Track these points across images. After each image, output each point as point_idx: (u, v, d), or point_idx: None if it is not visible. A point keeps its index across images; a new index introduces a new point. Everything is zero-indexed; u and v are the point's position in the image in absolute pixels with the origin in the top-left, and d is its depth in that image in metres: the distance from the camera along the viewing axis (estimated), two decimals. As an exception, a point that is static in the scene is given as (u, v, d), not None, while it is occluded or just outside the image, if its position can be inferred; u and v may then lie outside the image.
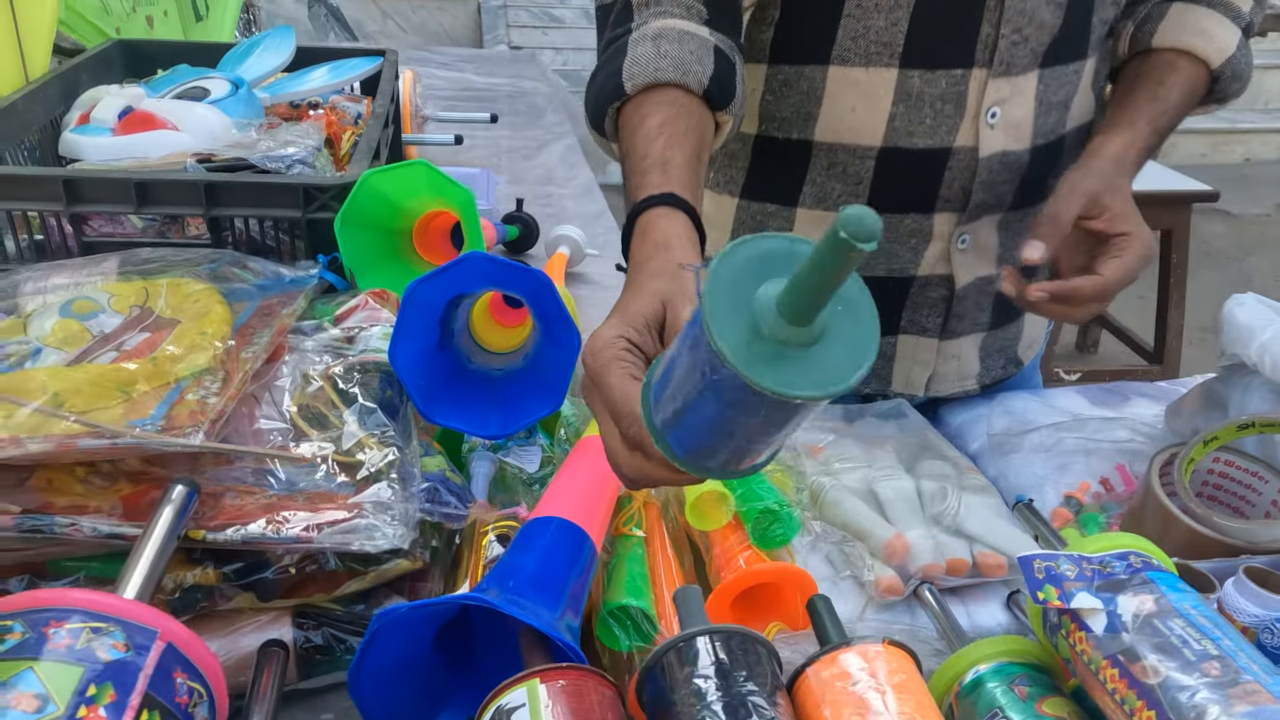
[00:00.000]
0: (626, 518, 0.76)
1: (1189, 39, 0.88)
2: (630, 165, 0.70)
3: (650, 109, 0.71)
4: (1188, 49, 0.88)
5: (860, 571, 0.72)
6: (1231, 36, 0.88)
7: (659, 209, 0.64)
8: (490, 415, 0.79)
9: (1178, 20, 0.89)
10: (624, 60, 0.73)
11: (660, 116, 0.70)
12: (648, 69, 0.72)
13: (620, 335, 0.54)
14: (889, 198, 0.88)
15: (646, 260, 0.60)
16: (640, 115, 0.71)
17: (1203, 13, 0.89)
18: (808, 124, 0.88)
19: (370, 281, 0.96)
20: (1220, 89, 0.91)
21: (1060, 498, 0.85)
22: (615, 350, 0.53)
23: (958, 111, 0.83)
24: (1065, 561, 0.56)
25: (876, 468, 0.81)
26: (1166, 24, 0.89)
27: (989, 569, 0.74)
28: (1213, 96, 0.91)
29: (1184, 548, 0.73)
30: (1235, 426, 0.77)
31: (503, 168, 1.82)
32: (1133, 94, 0.87)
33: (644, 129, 0.70)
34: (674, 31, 0.74)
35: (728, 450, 0.45)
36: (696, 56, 0.73)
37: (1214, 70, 0.88)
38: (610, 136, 0.77)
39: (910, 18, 0.80)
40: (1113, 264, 0.79)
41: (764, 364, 0.38)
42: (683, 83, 0.72)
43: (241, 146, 1.05)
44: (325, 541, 0.59)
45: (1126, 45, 0.92)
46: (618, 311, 0.56)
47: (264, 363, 0.77)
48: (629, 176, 0.69)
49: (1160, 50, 0.89)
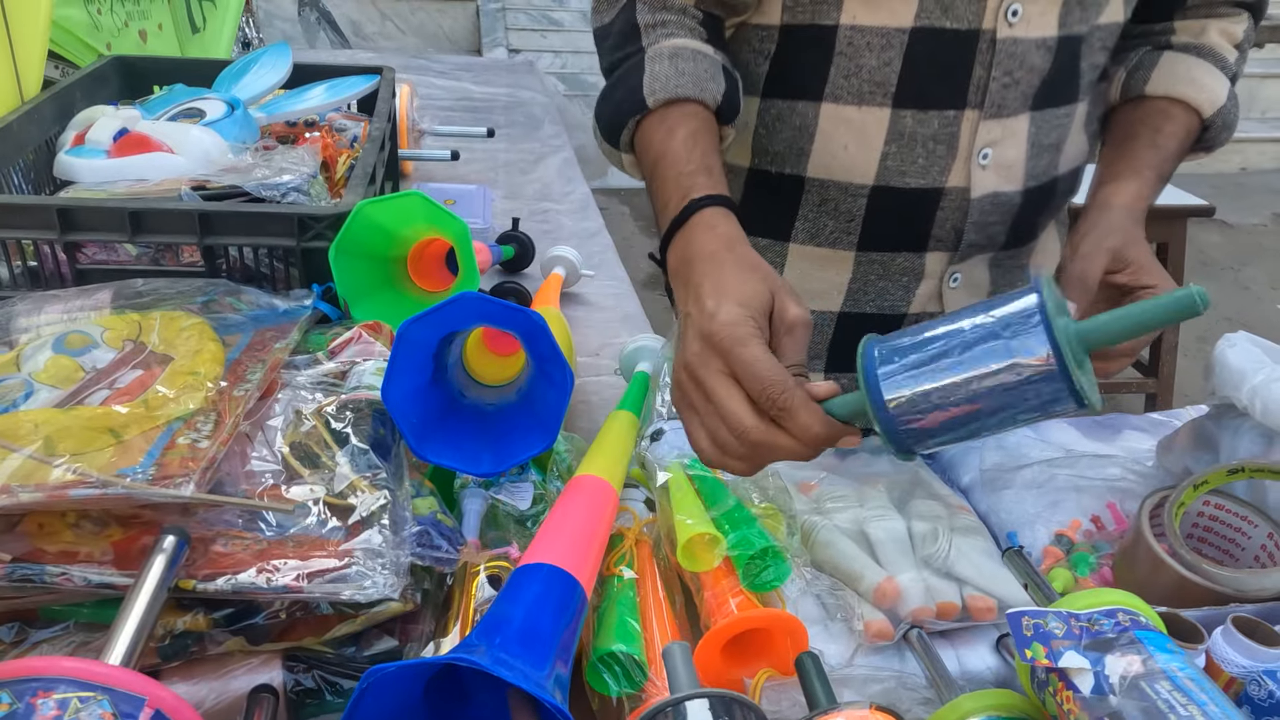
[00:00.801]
0: (618, 557, 0.76)
1: (1182, 88, 0.88)
2: (666, 169, 0.75)
3: (676, 121, 0.77)
4: (1181, 98, 0.88)
5: (851, 616, 0.72)
6: (1222, 87, 0.89)
7: (718, 209, 0.71)
8: (483, 452, 0.79)
9: (1170, 69, 0.89)
10: (644, 76, 0.78)
11: (689, 128, 0.76)
12: (669, 85, 0.78)
13: (749, 315, 0.61)
14: (881, 236, 0.88)
15: (727, 249, 0.67)
16: (667, 126, 0.77)
17: (1194, 62, 0.89)
18: (800, 159, 0.88)
19: (365, 310, 0.96)
20: (1209, 138, 0.91)
21: (1051, 535, 0.85)
22: (749, 327, 0.61)
23: (950, 152, 0.83)
24: (1054, 619, 0.56)
25: (868, 507, 0.81)
26: (1159, 72, 0.89)
27: (979, 612, 0.74)
28: (1201, 145, 0.92)
29: (1173, 593, 0.73)
30: (1225, 471, 0.77)
31: (499, 182, 1.81)
32: (1133, 141, 0.88)
33: (677, 138, 0.76)
34: (688, 50, 0.80)
35: (964, 432, 0.56)
36: (710, 74, 0.79)
37: (1206, 120, 0.89)
38: (624, 149, 0.82)
39: (903, 58, 0.80)
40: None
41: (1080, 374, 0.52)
42: (701, 99, 0.78)
43: (237, 171, 1.05)
44: (315, 591, 0.59)
45: (1118, 91, 0.92)
46: (727, 293, 0.63)
47: (257, 399, 0.77)
48: (667, 179, 0.75)
49: (1154, 98, 0.89)
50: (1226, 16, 0.92)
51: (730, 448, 0.62)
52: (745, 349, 0.59)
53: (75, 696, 0.42)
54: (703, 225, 0.70)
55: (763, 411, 0.60)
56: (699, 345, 0.62)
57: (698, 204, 0.71)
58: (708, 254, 0.67)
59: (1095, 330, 0.53)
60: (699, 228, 0.70)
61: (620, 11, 0.84)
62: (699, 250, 0.68)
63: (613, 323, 1.33)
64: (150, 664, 0.61)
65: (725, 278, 0.65)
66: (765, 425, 0.59)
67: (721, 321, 0.61)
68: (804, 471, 0.87)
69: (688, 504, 0.76)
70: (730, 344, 0.60)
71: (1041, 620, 0.56)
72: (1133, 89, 0.91)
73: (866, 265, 0.90)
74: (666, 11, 0.83)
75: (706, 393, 0.62)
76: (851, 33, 0.81)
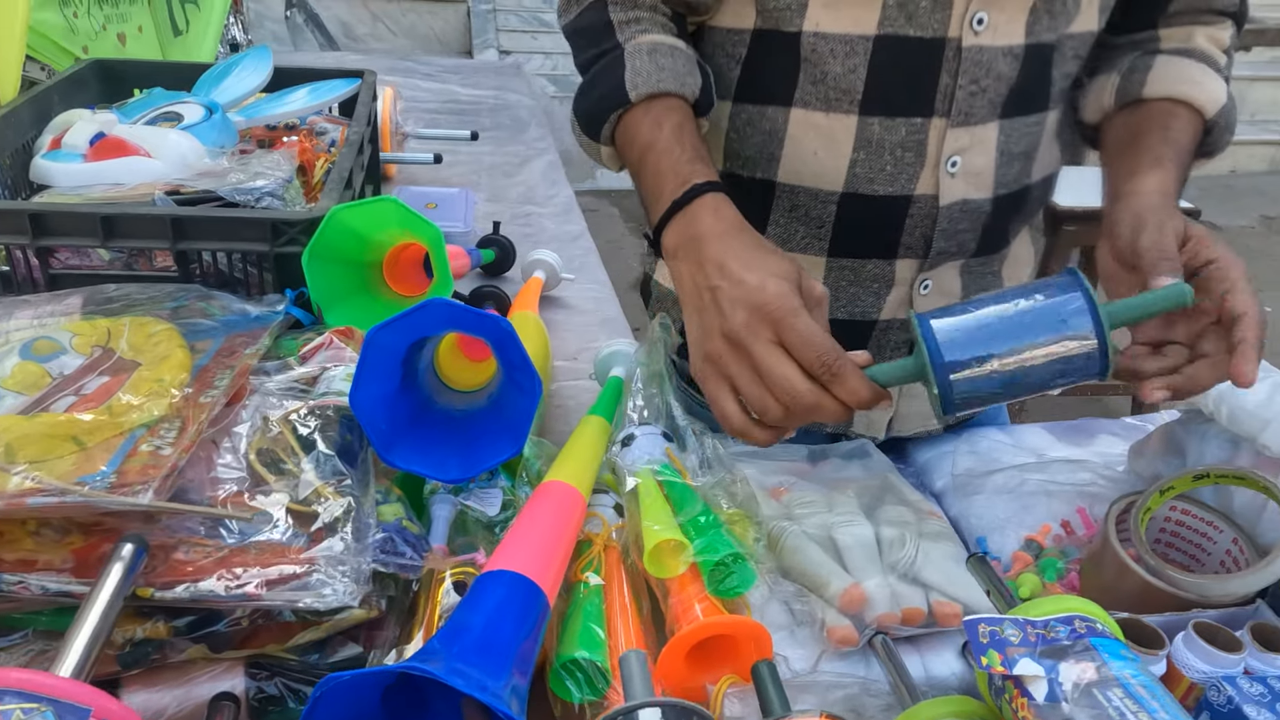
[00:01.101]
0: (585, 563, 0.76)
1: (1184, 88, 0.86)
2: (658, 157, 0.78)
3: (661, 113, 0.80)
4: (1184, 98, 0.85)
5: (816, 622, 0.72)
6: (1220, 87, 0.87)
7: (720, 195, 0.74)
8: (451, 458, 0.79)
9: (1166, 71, 0.87)
10: (624, 72, 0.81)
11: (674, 120, 0.79)
12: (650, 79, 0.80)
13: (791, 289, 0.66)
14: (851, 242, 0.88)
15: (742, 230, 0.72)
16: (653, 118, 0.80)
17: (1189, 64, 0.87)
18: (771, 164, 0.88)
19: (339, 315, 0.96)
20: (1212, 141, 0.88)
21: (1021, 541, 0.86)
22: (795, 299, 0.65)
23: (918, 160, 0.83)
24: (1010, 626, 0.57)
25: (836, 513, 0.81)
26: (1155, 74, 0.87)
27: (944, 618, 0.74)
28: (1203, 150, 0.89)
29: (1138, 598, 0.74)
30: (1191, 477, 0.78)
31: (483, 185, 1.81)
32: (1144, 138, 0.84)
33: (664, 129, 0.79)
34: (665, 46, 0.82)
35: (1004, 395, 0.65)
36: (688, 69, 0.82)
37: (1209, 120, 0.86)
38: (604, 141, 0.85)
39: (868, 65, 0.81)
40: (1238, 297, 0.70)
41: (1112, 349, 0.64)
42: (681, 93, 0.81)
43: (213, 175, 1.05)
44: (275, 599, 0.59)
45: (1113, 97, 0.89)
46: (765, 268, 0.67)
47: (225, 405, 0.77)
48: (661, 167, 0.78)
49: (1154, 100, 0.87)
50: (1211, 24, 0.91)
51: (770, 413, 0.66)
52: (799, 319, 0.64)
53: (18, 708, 0.42)
54: (708, 208, 0.73)
55: (812, 377, 0.65)
56: (746, 315, 0.66)
57: (700, 188, 0.74)
58: (720, 233, 0.71)
59: (1117, 313, 0.65)
60: (704, 210, 0.73)
61: (588, 9, 0.85)
62: (709, 230, 0.72)
63: (592, 326, 1.33)
64: (110, 672, 0.61)
65: (753, 254, 0.69)
66: (816, 389, 0.65)
67: (773, 293, 0.65)
68: (774, 477, 0.87)
69: (655, 510, 0.76)
70: (784, 314, 0.65)
71: (998, 627, 0.56)
72: (1129, 93, 0.88)
73: (838, 271, 0.90)
74: (637, 9, 0.85)
75: (755, 361, 0.66)
76: (816, 39, 0.81)
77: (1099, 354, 0.63)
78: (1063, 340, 0.63)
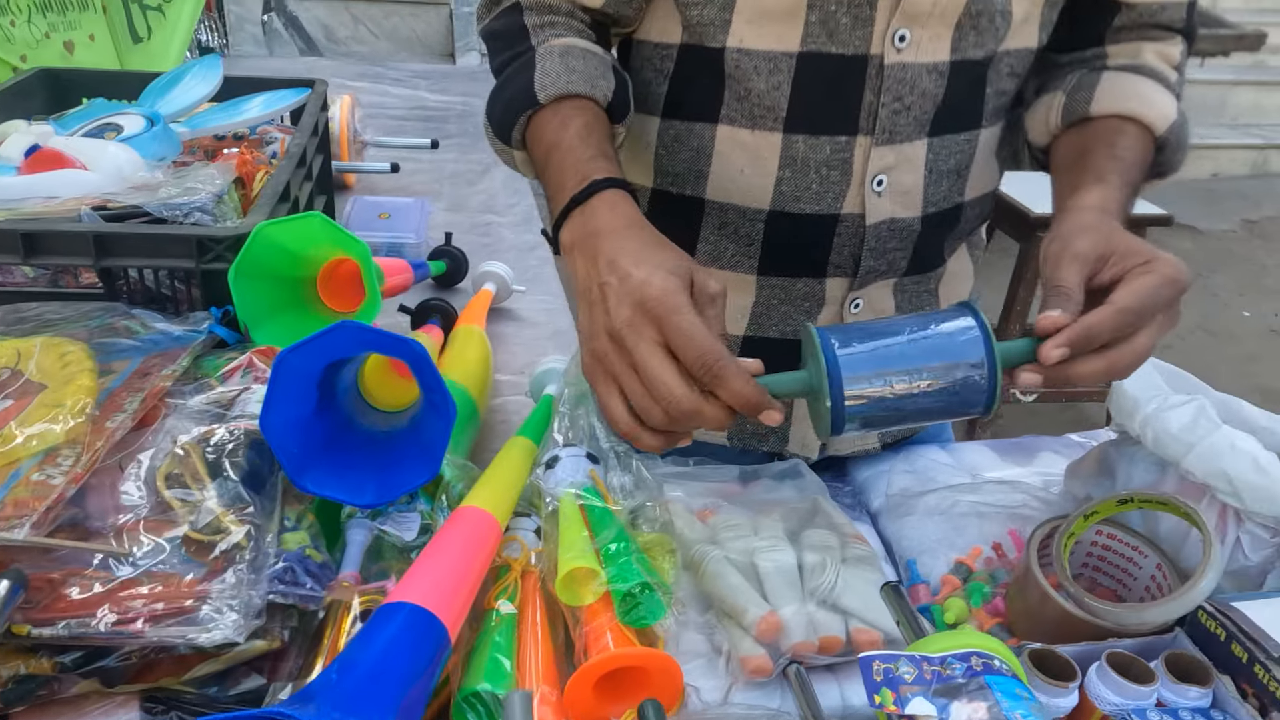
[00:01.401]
0: (500, 590, 0.75)
1: (1132, 105, 0.82)
2: (561, 156, 0.76)
3: (570, 114, 0.77)
4: (1132, 115, 0.82)
5: (730, 650, 0.71)
6: (1170, 103, 0.83)
7: (620, 191, 0.72)
8: (368, 482, 0.78)
9: (1114, 87, 0.84)
10: (534, 73, 0.79)
11: (582, 120, 0.77)
12: (559, 81, 0.78)
13: (679, 286, 0.63)
14: (780, 261, 0.87)
15: (638, 226, 0.69)
16: (560, 119, 0.78)
17: (1138, 80, 0.84)
18: (700, 181, 0.87)
19: (269, 333, 0.95)
20: (1164, 160, 0.84)
21: (951, 563, 0.85)
22: (681, 297, 0.62)
23: (844, 178, 0.82)
24: (905, 663, 0.56)
25: (761, 536, 0.80)
26: (1102, 91, 0.84)
27: (862, 645, 0.73)
28: (1156, 170, 0.85)
29: (1058, 626, 0.73)
30: (1115, 501, 0.77)
31: (444, 194, 1.80)
32: (1090, 156, 0.81)
33: (570, 129, 0.76)
34: (577, 49, 0.80)
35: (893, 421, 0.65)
36: (600, 72, 0.80)
37: (1159, 137, 0.82)
38: (515, 145, 0.83)
39: (791, 83, 0.79)
40: (1126, 287, 0.65)
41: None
42: (592, 95, 0.79)
43: (146, 190, 1.03)
44: (155, 636, 0.58)
45: (1059, 116, 0.86)
46: (654, 262, 0.64)
47: (137, 426, 0.75)
48: (564, 165, 0.75)
49: (1101, 118, 0.83)
50: (1159, 40, 0.88)
51: (652, 417, 0.63)
52: (682, 317, 0.61)
53: None
54: (606, 204, 0.71)
55: (693, 381, 0.62)
56: (630, 312, 0.63)
57: (600, 184, 0.72)
58: (615, 229, 0.69)
59: (1006, 352, 0.65)
60: (602, 205, 0.71)
61: (505, 13, 0.84)
62: (605, 225, 0.69)
63: (542, 339, 1.32)
64: (-7, 708, 0.60)
65: (645, 250, 0.66)
66: (695, 394, 0.61)
67: (659, 288, 0.62)
68: (702, 499, 0.86)
69: (572, 535, 0.75)
70: (667, 311, 0.62)
71: (892, 665, 0.55)
72: (1075, 111, 0.84)
73: (768, 290, 0.89)
74: (553, 14, 0.84)
75: (635, 362, 0.63)
76: (739, 55, 0.80)
77: (988, 388, 0.63)
78: (955, 370, 0.63)
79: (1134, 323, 0.64)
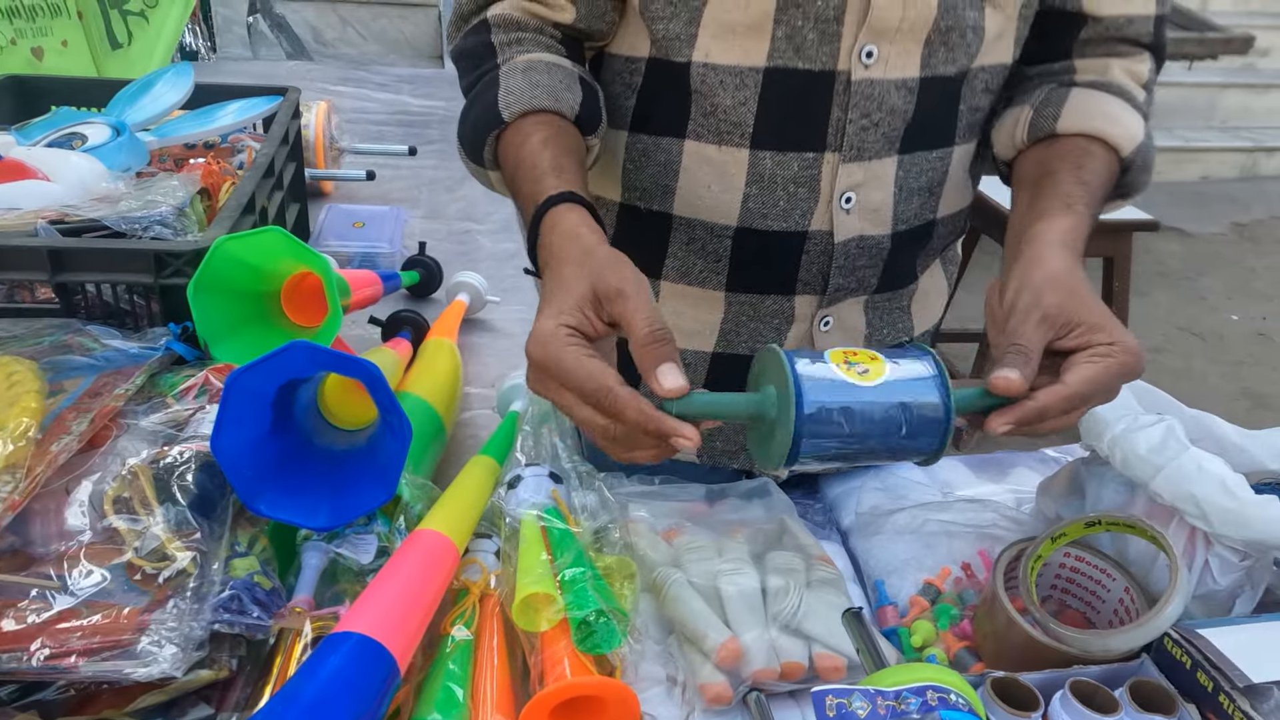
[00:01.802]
0: (456, 615, 0.74)
1: (1099, 124, 0.80)
2: (522, 176, 0.74)
3: (531, 129, 0.76)
4: (1098, 135, 0.80)
5: (689, 677, 0.70)
6: (1137, 124, 0.82)
7: (562, 206, 0.69)
8: (323, 503, 0.76)
9: (1081, 105, 0.82)
10: (498, 91, 0.78)
11: (543, 134, 0.75)
12: (523, 97, 0.77)
13: (560, 325, 0.61)
14: (748, 277, 0.86)
15: (561, 250, 0.66)
16: (522, 135, 0.76)
17: (1106, 98, 0.83)
18: (667, 197, 0.86)
19: (231, 349, 0.93)
20: (1129, 181, 0.83)
21: (919, 584, 0.83)
22: (561, 338, 0.61)
23: (811, 195, 0.81)
24: (859, 698, 0.54)
25: (725, 559, 0.79)
26: (1070, 108, 0.82)
27: (826, 672, 0.72)
28: (1119, 190, 0.84)
29: (1023, 651, 0.72)
30: (1083, 524, 0.76)
31: (422, 201, 1.79)
32: (1055, 179, 0.78)
33: (530, 145, 0.75)
34: (541, 63, 0.79)
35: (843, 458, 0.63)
36: (566, 85, 0.78)
37: (1125, 159, 0.81)
38: (489, 165, 0.81)
39: (758, 99, 0.78)
40: (1083, 370, 0.64)
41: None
42: (557, 109, 0.77)
43: (107, 202, 1.01)
44: (93, 670, 0.56)
45: (1025, 131, 0.84)
46: (549, 303, 0.63)
47: (87, 447, 0.74)
48: (522, 186, 0.74)
49: (1068, 136, 0.81)
50: (1128, 55, 0.86)
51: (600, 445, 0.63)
52: (562, 364, 0.60)
53: None
54: (548, 228, 0.69)
55: None
56: (530, 370, 0.63)
57: (543, 208, 0.70)
58: (551, 256, 0.68)
59: (962, 400, 0.64)
60: (545, 230, 0.69)
61: (472, 31, 0.83)
62: (548, 257, 0.68)
63: (515, 351, 1.31)
64: (-74, 744, 0.58)
65: (553, 287, 0.65)
66: (613, 424, 0.61)
67: (535, 341, 0.62)
68: (667, 519, 0.85)
69: (531, 558, 0.74)
70: (548, 363, 0.61)
71: (845, 699, 0.54)
72: (1041, 127, 0.83)
73: (737, 306, 0.88)
74: (521, 30, 0.82)
75: (560, 408, 0.63)
76: (705, 70, 0.79)
77: (940, 434, 0.62)
78: (911, 413, 0.61)
79: (1079, 405, 0.65)
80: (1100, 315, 0.67)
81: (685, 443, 0.60)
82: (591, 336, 0.63)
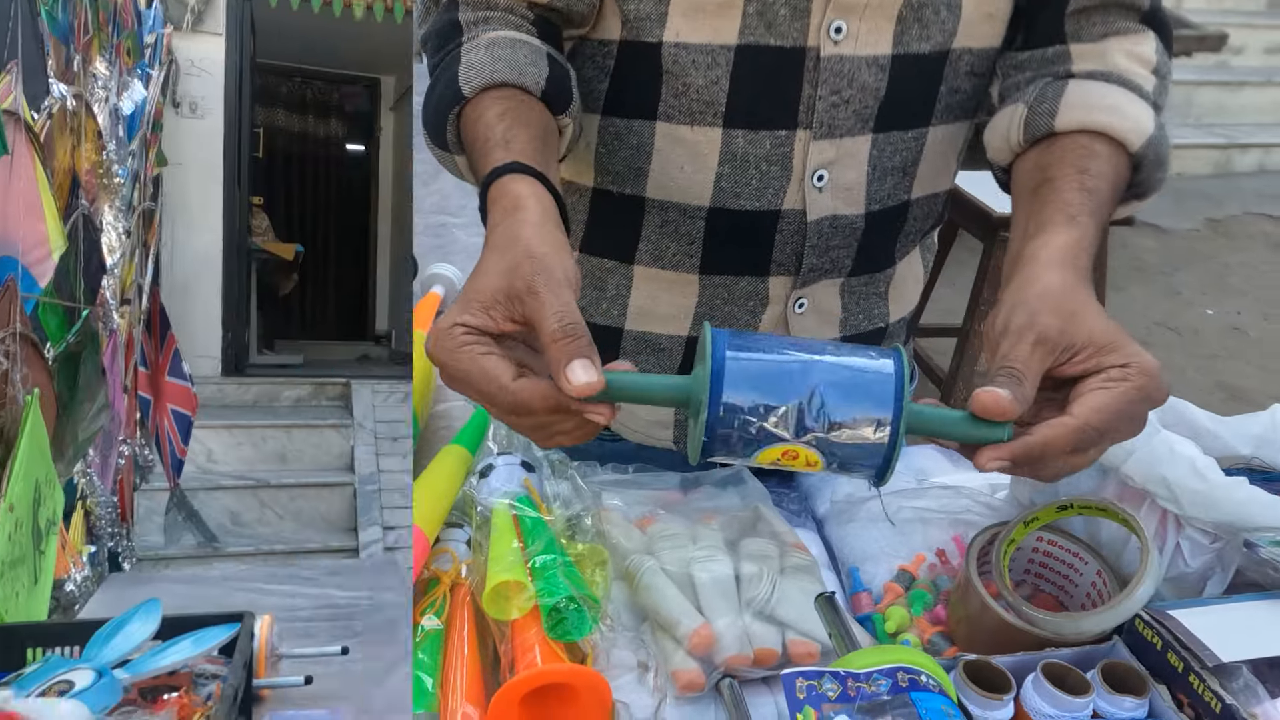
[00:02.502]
0: (427, 604, 0.73)
1: (1101, 118, 0.73)
2: (475, 153, 0.71)
3: (489, 104, 0.72)
4: (1102, 130, 0.73)
5: (662, 665, 0.69)
6: (1145, 115, 0.74)
7: (506, 177, 0.65)
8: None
9: (1080, 96, 0.74)
10: (459, 68, 0.74)
11: (500, 107, 0.71)
12: (483, 72, 0.73)
13: (455, 324, 0.59)
14: (722, 259, 0.85)
15: (493, 231, 0.63)
16: (479, 111, 0.72)
17: (1108, 88, 0.75)
18: (640, 179, 0.85)
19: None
20: (1142, 180, 0.75)
21: (894, 570, 0.83)
22: (456, 338, 0.58)
23: (784, 173, 0.80)
24: (829, 680, 0.54)
25: (698, 546, 0.79)
26: (1068, 102, 0.74)
27: (800, 657, 0.71)
28: (1133, 191, 0.76)
29: (996, 635, 0.71)
30: (1055, 507, 0.76)
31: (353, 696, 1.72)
32: (1055, 185, 0.70)
33: (484, 120, 0.71)
34: (505, 39, 0.75)
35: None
36: (530, 60, 0.74)
37: (1135, 154, 0.73)
38: (454, 149, 0.76)
39: (730, 77, 0.77)
40: (1092, 399, 0.57)
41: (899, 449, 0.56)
42: (520, 83, 0.73)
43: None
44: None
45: (1020, 132, 0.76)
46: (461, 296, 0.60)
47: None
48: (474, 163, 0.71)
49: (1068, 134, 0.74)
50: (1127, 34, 0.78)
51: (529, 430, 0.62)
52: (458, 365, 0.58)
53: None
54: (492, 203, 0.65)
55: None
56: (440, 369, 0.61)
57: (488, 180, 0.66)
58: (486, 237, 0.63)
59: (922, 416, 0.57)
60: (489, 206, 0.65)
61: (442, 11, 0.80)
62: (487, 233, 0.64)
63: (491, 343, 1.30)
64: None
65: (471, 278, 0.61)
66: (525, 417, 0.59)
67: (430, 341, 0.60)
68: (641, 507, 0.84)
69: (502, 547, 0.73)
70: (444, 363, 0.59)
71: (816, 682, 0.54)
72: (1038, 126, 0.75)
73: (711, 289, 0.88)
74: (489, 9, 0.78)
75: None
76: (677, 50, 0.78)
77: (885, 451, 0.55)
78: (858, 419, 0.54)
79: (1094, 441, 0.57)
80: (1108, 333, 0.59)
81: (599, 418, 0.58)
82: (496, 334, 0.59)
